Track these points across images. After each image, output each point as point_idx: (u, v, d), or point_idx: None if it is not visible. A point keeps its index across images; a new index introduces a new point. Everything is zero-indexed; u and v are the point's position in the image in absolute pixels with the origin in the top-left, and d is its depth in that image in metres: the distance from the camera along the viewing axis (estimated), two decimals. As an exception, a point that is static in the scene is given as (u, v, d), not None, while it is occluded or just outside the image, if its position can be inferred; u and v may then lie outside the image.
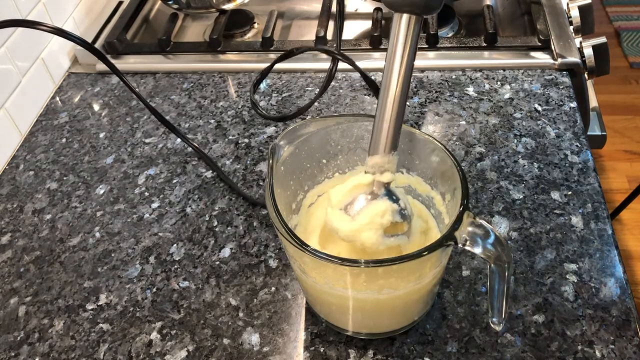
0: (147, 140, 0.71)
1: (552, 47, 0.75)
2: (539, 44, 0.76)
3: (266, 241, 0.58)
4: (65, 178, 0.68)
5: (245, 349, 0.50)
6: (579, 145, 0.64)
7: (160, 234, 0.60)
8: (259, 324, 0.52)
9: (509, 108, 0.70)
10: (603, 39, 0.75)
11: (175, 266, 0.57)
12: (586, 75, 0.75)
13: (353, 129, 0.49)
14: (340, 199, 0.45)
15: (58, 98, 0.79)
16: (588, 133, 0.81)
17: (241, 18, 0.91)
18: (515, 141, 0.66)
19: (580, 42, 0.76)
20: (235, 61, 0.81)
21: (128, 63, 0.82)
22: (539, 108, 0.69)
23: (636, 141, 1.84)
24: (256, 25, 0.91)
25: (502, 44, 0.78)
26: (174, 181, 0.66)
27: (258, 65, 0.80)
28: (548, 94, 0.71)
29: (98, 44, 0.84)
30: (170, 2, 0.87)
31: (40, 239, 0.61)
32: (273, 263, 0.56)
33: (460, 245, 0.40)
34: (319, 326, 0.51)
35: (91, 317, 0.54)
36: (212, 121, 0.73)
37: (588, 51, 0.75)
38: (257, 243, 0.58)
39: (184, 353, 0.50)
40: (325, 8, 0.85)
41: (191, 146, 0.68)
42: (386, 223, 0.43)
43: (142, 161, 0.68)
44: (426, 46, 0.79)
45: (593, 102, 0.82)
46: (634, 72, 2.06)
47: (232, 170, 0.66)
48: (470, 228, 0.40)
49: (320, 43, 0.80)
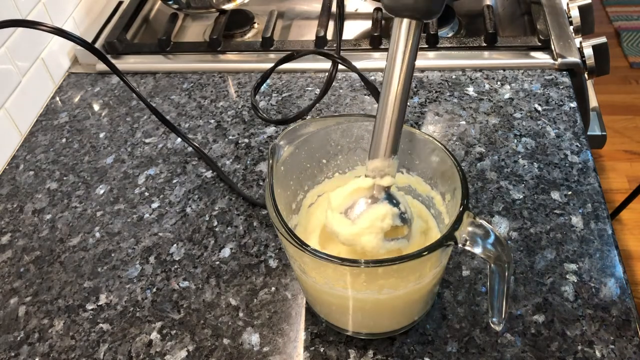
0: (147, 140, 0.71)
1: (552, 47, 0.75)
2: (539, 44, 0.76)
3: (266, 241, 0.58)
4: (65, 178, 0.68)
5: (245, 349, 0.50)
6: (579, 145, 0.64)
7: (160, 234, 0.60)
8: (259, 324, 0.52)
9: (509, 108, 0.70)
10: (603, 39, 0.75)
11: (175, 266, 0.57)
12: (586, 75, 0.75)
13: (353, 129, 0.49)
14: (340, 203, 0.45)
15: (58, 98, 0.79)
16: (588, 133, 0.81)
17: (241, 18, 0.91)
18: (515, 141, 0.66)
19: (580, 42, 0.76)
20: (235, 61, 0.81)
21: (128, 63, 0.82)
22: (539, 108, 0.69)
23: (636, 141, 1.84)
24: (256, 25, 0.91)
25: (502, 44, 0.78)
26: (174, 181, 0.66)
27: (258, 65, 0.80)
28: (548, 94, 0.71)
29: (98, 44, 0.84)
30: (170, 2, 0.87)
31: (40, 239, 0.61)
32: (273, 263, 0.56)
33: (460, 245, 0.40)
34: (319, 326, 0.51)
35: (91, 317, 0.54)
36: (212, 121, 0.73)
37: (588, 51, 0.75)
38: (257, 243, 0.58)
39: (184, 353, 0.50)
40: (325, 8, 0.85)
41: (191, 146, 0.68)
42: (386, 227, 0.43)
43: (142, 161, 0.68)
44: (426, 46, 0.79)
45: (593, 102, 0.82)
46: (634, 72, 2.06)
47: (232, 170, 0.66)
48: (470, 228, 0.40)
49: (320, 43, 0.80)
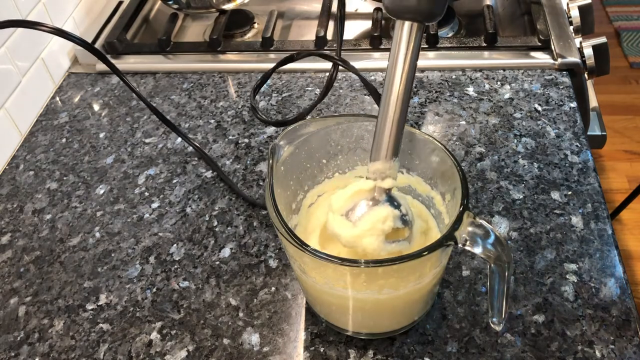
0: (147, 140, 0.71)
1: (552, 47, 0.75)
2: (539, 44, 0.76)
3: (266, 241, 0.58)
4: (65, 178, 0.68)
5: (245, 349, 0.50)
6: (579, 145, 0.64)
7: (160, 234, 0.60)
8: (259, 324, 0.52)
9: (509, 108, 0.70)
10: (603, 39, 0.75)
11: (175, 266, 0.57)
12: (586, 75, 0.75)
13: (353, 129, 0.49)
14: (341, 205, 0.45)
15: (58, 98, 0.79)
16: (588, 133, 0.81)
17: (241, 18, 0.91)
18: (515, 141, 0.66)
19: (580, 42, 0.76)
20: (235, 61, 0.81)
21: (128, 63, 0.82)
22: (539, 108, 0.69)
23: (636, 141, 1.84)
24: (256, 25, 0.91)
25: (502, 44, 0.78)
26: (174, 181, 0.66)
27: (258, 65, 0.80)
28: (548, 94, 0.71)
29: (98, 44, 0.84)
30: (170, 2, 0.87)
31: (40, 239, 0.61)
32: (273, 263, 0.56)
33: (460, 245, 0.40)
34: (319, 326, 0.51)
35: (91, 317, 0.54)
36: (212, 121, 0.73)
37: (588, 51, 0.75)
38: (257, 243, 0.58)
39: (184, 353, 0.50)
40: (325, 8, 0.85)
41: (192, 145, 0.68)
42: (387, 229, 0.43)
43: (142, 161, 0.68)
44: (426, 46, 0.79)
45: (593, 102, 0.82)
46: (634, 72, 2.06)
47: (232, 170, 0.66)
48: (470, 228, 0.40)
49: (320, 43, 0.80)
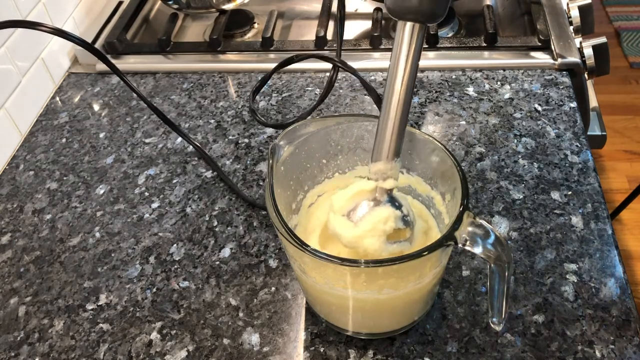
0: (147, 140, 0.71)
1: (552, 47, 0.75)
2: (539, 44, 0.76)
3: (266, 241, 0.58)
4: (65, 178, 0.68)
5: (245, 349, 0.50)
6: (579, 145, 0.64)
7: (160, 234, 0.60)
8: (259, 324, 0.52)
9: (509, 108, 0.70)
10: (603, 39, 0.75)
11: (175, 266, 0.57)
12: (586, 75, 0.75)
13: (353, 129, 0.49)
14: (342, 205, 0.45)
15: (58, 98, 0.79)
16: (588, 133, 0.81)
17: (241, 18, 0.91)
18: (515, 141, 0.66)
19: (580, 42, 0.76)
20: (235, 61, 0.81)
21: (128, 63, 0.82)
22: (539, 108, 0.69)
23: (636, 141, 1.84)
24: (256, 25, 0.91)
25: (502, 44, 0.78)
26: (174, 181, 0.66)
27: (258, 65, 0.80)
28: (548, 94, 0.71)
29: (98, 44, 0.84)
30: (170, 2, 0.87)
31: (40, 239, 0.61)
32: (273, 263, 0.56)
33: (460, 245, 0.40)
34: (319, 326, 0.51)
35: (91, 317, 0.54)
36: (212, 121, 0.73)
37: (588, 51, 0.75)
38: (257, 243, 0.58)
39: (184, 353, 0.50)
40: (325, 8, 0.85)
41: (192, 145, 0.68)
42: (389, 229, 0.43)
43: (142, 161, 0.68)
44: (426, 46, 0.78)
45: (593, 102, 0.82)
46: (634, 72, 2.06)
47: (232, 170, 0.66)
48: (470, 228, 0.40)
49: (320, 43, 0.80)
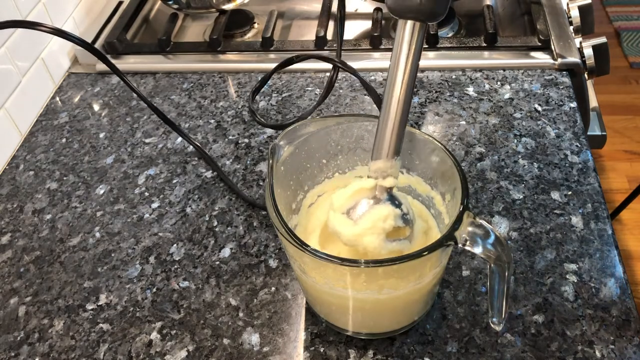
0: (147, 140, 0.71)
1: (552, 47, 0.75)
2: (539, 44, 0.76)
3: (266, 241, 0.58)
4: (65, 178, 0.68)
5: (245, 349, 0.50)
6: (579, 145, 0.64)
7: (160, 234, 0.60)
8: (259, 324, 0.52)
9: (509, 108, 0.70)
10: (603, 39, 0.75)
11: (175, 266, 0.57)
12: (586, 75, 0.75)
13: (353, 129, 0.49)
14: (342, 203, 0.45)
15: (58, 98, 0.79)
16: (588, 133, 0.81)
17: (241, 18, 0.91)
18: (515, 141, 0.66)
19: (580, 42, 0.76)
20: (235, 61, 0.81)
21: (128, 63, 0.82)
22: (539, 108, 0.69)
23: (636, 141, 1.84)
24: (256, 25, 0.91)
25: (502, 44, 0.78)
26: (174, 181, 0.66)
27: (258, 65, 0.80)
28: (548, 94, 0.71)
29: (98, 44, 0.84)
30: (170, 2, 0.87)
31: (40, 239, 0.61)
32: (273, 263, 0.56)
33: (460, 245, 0.40)
34: (319, 326, 0.51)
35: (91, 317, 0.54)
36: (212, 121, 0.73)
37: (588, 51, 0.75)
38: (257, 243, 0.58)
39: (184, 353, 0.50)
40: (325, 8, 0.85)
41: (192, 144, 0.68)
42: (388, 228, 0.43)
43: (142, 161, 0.68)
44: (426, 46, 0.78)
45: (593, 102, 0.82)
46: (634, 72, 2.06)
47: (232, 170, 0.66)
48: (470, 228, 0.40)
49: (320, 43, 0.80)
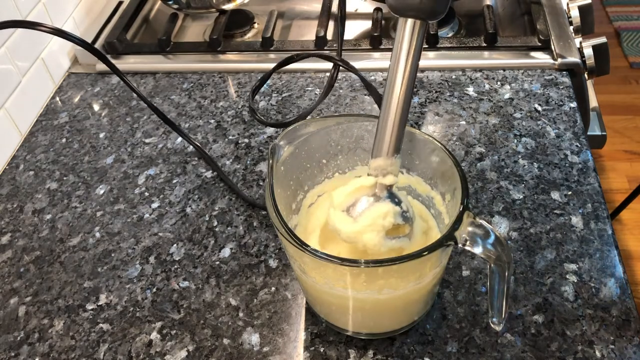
0: (147, 140, 0.71)
1: (552, 47, 0.75)
2: (539, 44, 0.76)
3: (266, 241, 0.58)
4: (65, 178, 0.68)
5: (245, 349, 0.50)
6: (579, 145, 0.64)
7: (160, 234, 0.60)
8: (259, 324, 0.52)
9: (509, 108, 0.70)
10: (603, 39, 0.75)
11: (175, 266, 0.57)
12: (586, 75, 0.75)
13: (353, 129, 0.49)
14: (342, 201, 0.45)
15: (58, 98, 0.79)
16: (588, 133, 0.81)
17: (241, 18, 0.91)
18: (515, 141, 0.66)
19: (580, 42, 0.76)
20: (235, 61, 0.81)
21: (128, 63, 0.82)
22: (539, 108, 0.69)
23: (636, 141, 1.84)
24: (256, 25, 0.91)
25: (502, 44, 0.78)
26: (174, 181, 0.66)
27: (258, 65, 0.80)
28: (548, 94, 0.71)
29: (98, 44, 0.84)
30: (170, 2, 0.87)
31: (40, 239, 0.61)
32: (273, 263, 0.56)
33: (460, 245, 0.40)
34: (319, 326, 0.51)
35: (91, 317, 0.54)
36: (212, 121, 0.73)
37: (588, 51, 0.75)
38: (257, 243, 0.58)
39: (184, 353, 0.50)
40: (325, 8, 0.85)
41: (192, 144, 0.68)
42: (388, 225, 0.43)
43: (142, 161, 0.68)
44: (426, 46, 0.78)
45: (593, 102, 0.82)
46: (634, 72, 2.06)
47: (232, 170, 0.66)
48: (470, 228, 0.40)
49: (320, 43, 0.80)
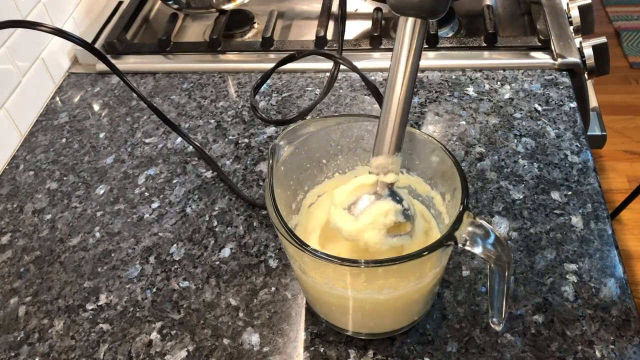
0: (147, 140, 0.71)
1: (552, 47, 0.75)
2: (539, 44, 0.76)
3: (266, 241, 0.58)
4: (65, 178, 0.68)
5: (245, 349, 0.50)
6: (579, 145, 0.64)
7: (160, 234, 0.60)
8: (259, 324, 0.52)
9: (509, 108, 0.70)
10: (603, 39, 0.75)
11: (175, 266, 0.57)
12: (586, 75, 0.75)
13: (353, 129, 0.49)
14: (343, 199, 0.45)
15: (58, 98, 0.79)
16: (588, 133, 0.81)
17: (241, 18, 0.91)
18: (515, 141, 0.66)
19: (580, 42, 0.76)
20: (235, 61, 0.81)
21: (128, 63, 0.82)
22: (539, 108, 0.69)
23: (636, 141, 1.84)
24: (256, 25, 0.91)
25: (502, 44, 0.78)
26: (174, 181, 0.66)
27: (258, 65, 0.80)
28: (548, 94, 0.71)
29: (98, 44, 0.84)
30: (170, 2, 0.87)
31: (40, 239, 0.61)
32: (273, 263, 0.56)
33: (460, 245, 0.40)
34: (319, 326, 0.51)
35: (91, 317, 0.54)
36: (212, 121, 0.73)
37: (588, 51, 0.75)
38: (257, 243, 0.58)
39: (184, 353, 0.50)
40: (325, 8, 0.85)
41: (192, 145, 0.68)
42: (389, 223, 0.43)
43: (142, 161, 0.68)
44: (426, 46, 0.78)
45: (593, 102, 0.82)
46: (634, 72, 2.06)
47: (232, 170, 0.66)
48: (470, 228, 0.40)
49: (320, 43, 0.80)
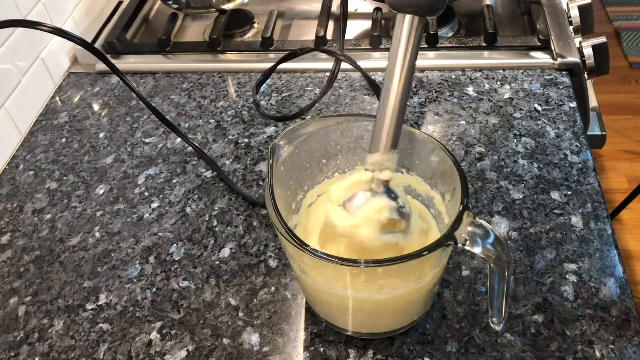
0: (147, 140, 0.71)
1: (552, 47, 0.75)
2: (539, 44, 0.76)
3: (266, 241, 0.58)
4: (65, 178, 0.68)
5: (245, 349, 0.50)
6: (579, 145, 0.64)
7: (160, 234, 0.60)
8: (259, 324, 0.52)
9: (509, 108, 0.70)
10: (603, 39, 0.75)
11: (175, 266, 0.57)
12: (586, 75, 0.75)
13: (353, 129, 0.49)
14: (339, 196, 0.45)
15: (58, 98, 0.79)
16: (588, 133, 0.81)
17: (241, 18, 0.91)
18: (515, 141, 0.66)
19: (580, 42, 0.76)
20: (235, 61, 0.81)
21: (128, 63, 0.82)
22: (539, 108, 0.69)
23: (636, 141, 1.84)
24: (256, 25, 0.91)
25: (502, 44, 0.78)
26: (174, 181, 0.66)
27: (258, 65, 0.80)
28: (548, 94, 0.71)
29: (98, 44, 0.84)
30: (170, 2, 0.87)
31: (40, 239, 0.61)
32: (273, 263, 0.56)
33: (460, 245, 0.40)
34: (319, 326, 0.51)
35: (91, 317, 0.54)
36: (212, 121, 0.73)
37: (588, 51, 0.75)
38: (257, 243, 0.58)
39: (184, 353, 0.50)
40: (325, 8, 0.85)
41: (192, 145, 0.68)
42: (384, 220, 0.43)
43: (142, 161, 0.68)
44: (426, 46, 0.79)
45: (593, 102, 0.82)
46: (634, 72, 2.06)
47: (232, 170, 0.66)
48: (470, 228, 0.40)
49: (320, 43, 0.80)
